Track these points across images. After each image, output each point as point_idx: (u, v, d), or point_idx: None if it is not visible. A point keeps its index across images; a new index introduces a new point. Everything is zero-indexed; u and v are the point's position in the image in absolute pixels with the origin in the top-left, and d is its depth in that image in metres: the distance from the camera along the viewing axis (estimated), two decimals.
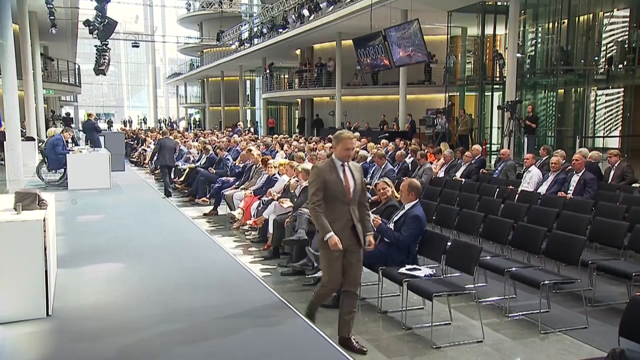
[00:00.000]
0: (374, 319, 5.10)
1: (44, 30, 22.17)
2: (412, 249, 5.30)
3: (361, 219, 4.28)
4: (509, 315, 5.11)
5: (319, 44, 28.36)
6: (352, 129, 22.50)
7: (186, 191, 11.80)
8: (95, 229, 6.89)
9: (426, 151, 11.91)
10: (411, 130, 21.17)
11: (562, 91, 18.51)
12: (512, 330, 4.80)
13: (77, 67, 31.48)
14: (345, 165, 4.20)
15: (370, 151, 11.69)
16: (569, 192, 7.89)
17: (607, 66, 18.06)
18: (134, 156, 19.70)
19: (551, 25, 18.02)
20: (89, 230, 6.80)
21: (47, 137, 14.33)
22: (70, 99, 41.93)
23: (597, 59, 18.30)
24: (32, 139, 17.38)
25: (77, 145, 16.21)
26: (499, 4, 19.22)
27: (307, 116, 31.62)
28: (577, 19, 18.15)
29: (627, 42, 17.49)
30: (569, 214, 6.55)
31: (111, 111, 67.16)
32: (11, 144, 11.55)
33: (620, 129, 18.60)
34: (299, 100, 33.00)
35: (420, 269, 4.99)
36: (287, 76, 32.49)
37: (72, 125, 29.51)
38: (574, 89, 18.49)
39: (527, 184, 8.73)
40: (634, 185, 8.23)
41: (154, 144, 15.58)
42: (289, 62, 33.19)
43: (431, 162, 10.95)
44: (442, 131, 19.44)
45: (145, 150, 18.73)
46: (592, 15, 18.26)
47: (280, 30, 25.36)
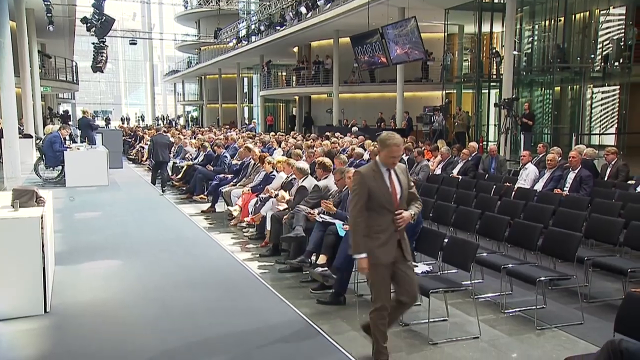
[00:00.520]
0: None
1: (42, 27, 22.08)
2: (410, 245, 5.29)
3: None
4: (506, 311, 5.12)
5: (316, 42, 28.32)
6: (349, 126, 22.51)
7: (184, 188, 11.78)
8: (93, 226, 6.88)
9: (423, 148, 11.92)
10: (408, 127, 21.17)
11: (559, 89, 18.54)
12: (509, 326, 4.80)
13: (74, 64, 31.36)
14: (390, 169, 3.82)
15: (367, 148, 11.68)
16: (565, 189, 7.90)
17: (603, 64, 18.08)
18: (131, 153, 19.67)
19: (548, 22, 18.04)
20: (87, 227, 6.79)
21: (44, 134, 14.29)
22: (68, 97, 41.84)
23: (593, 56, 18.33)
24: (29, 136, 17.33)
25: (75, 142, 16.16)
26: (496, 1, 19.27)
27: (300, 114, 31.66)
28: (573, 16, 18.17)
29: (623, 39, 17.51)
30: (565, 210, 6.55)
31: (109, 108, 66.99)
32: (9, 141, 11.53)
33: (616, 126, 18.63)
34: (297, 97, 32.98)
35: (417, 266, 5.00)
36: (284, 74, 32.46)
37: (70, 122, 29.45)
38: (570, 87, 18.52)
39: (523, 181, 8.74)
40: (630, 182, 8.25)
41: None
42: (287, 59, 33.16)
43: (428, 160, 10.95)
44: (439, 128, 19.44)
45: (142, 147, 18.69)
46: (588, 13, 18.29)
47: (277, 27, 25.34)
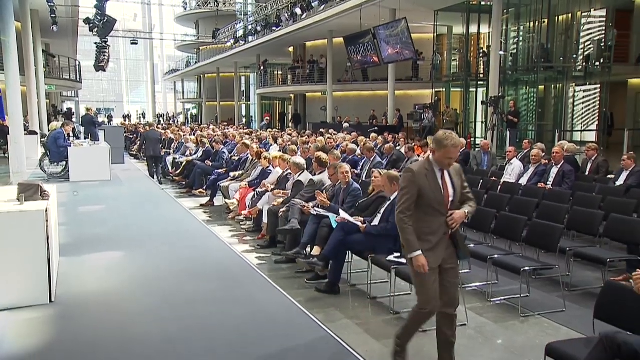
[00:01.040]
0: (364, 305, 5.12)
1: (46, 28, 21.93)
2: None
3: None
4: (491, 300, 5.14)
5: (311, 42, 28.26)
6: (342, 123, 22.50)
7: (184, 183, 11.76)
8: (96, 219, 6.86)
9: (413, 144, 11.93)
10: (399, 124, 21.19)
11: (543, 87, 18.60)
12: (494, 314, 4.83)
13: (77, 63, 31.19)
14: (444, 169, 3.51)
15: (360, 144, 11.69)
16: (548, 183, 7.94)
17: (584, 64, 18.14)
18: (133, 149, 19.60)
19: (532, 24, 18.08)
20: (91, 220, 6.77)
21: (49, 131, 14.21)
22: (71, 95, 41.61)
23: (575, 56, 18.38)
24: (34, 133, 17.22)
25: (78, 138, 16.08)
26: (483, 3, 19.23)
27: (296, 111, 31.71)
28: (556, 18, 18.21)
29: (603, 40, 17.58)
30: (548, 204, 6.58)
31: (111, 106, 66.70)
32: (14, 137, 11.49)
33: (597, 123, 18.72)
34: (292, 95, 32.92)
35: None
36: (280, 73, 32.39)
37: (74, 119, 29.30)
38: (553, 85, 18.57)
39: (509, 176, 8.77)
40: (609, 176, 8.29)
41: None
42: (282, 59, 33.07)
43: (418, 155, 10.95)
44: (429, 125, 19.45)
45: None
46: (570, 15, 18.32)
47: (273, 28, 25.25)
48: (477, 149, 13.49)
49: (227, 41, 33.36)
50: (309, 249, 5.73)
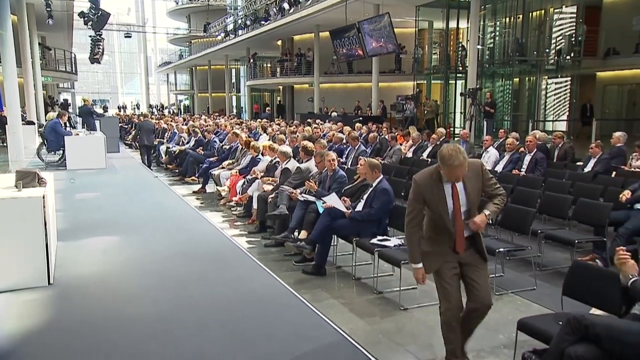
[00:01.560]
0: (349, 285, 5.15)
1: (41, 21, 21.49)
2: (383, 221, 5.34)
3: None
4: None
5: (298, 35, 28.07)
6: (329, 113, 22.46)
7: (177, 171, 11.71)
8: (92, 205, 6.80)
9: (396, 134, 11.97)
10: (383, 114, 21.21)
11: (517, 80, 18.69)
12: None
13: (73, 56, 30.69)
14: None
15: (345, 133, 11.69)
16: (522, 170, 8.01)
17: (556, 57, 18.28)
18: (127, 139, 19.42)
19: (508, 19, 18.12)
20: (87, 206, 6.71)
21: (46, 121, 14.01)
22: (67, 86, 40.94)
23: (547, 51, 18.50)
24: (32, 123, 16.98)
25: (74, 127, 15.88)
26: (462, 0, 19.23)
27: (285, 102, 31.60)
28: (530, 14, 18.28)
29: (573, 35, 17.70)
30: (522, 189, 6.65)
31: (106, 97, 65.79)
32: (12, 127, 11.35)
33: (567, 113, 18.90)
34: (281, 87, 32.75)
35: (390, 240, 5.04)
36: (269, 65, 32.21)
37: (70, 109, 28.88)
38: (527, 78, 18.69)
39: (485, 163, 8.82)
40: (578, 163, 8.39)
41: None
42: (271, 52, 32.83)
43: (401, 144, 11.00)
44: (411, 116, 19.51)
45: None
46: (543, 11, 18.42)
47: (262, 22, 25.04)
48: (456, 138, 13.54)
49: (217, 35, 33.03)
50: (296, 233, 5.74)
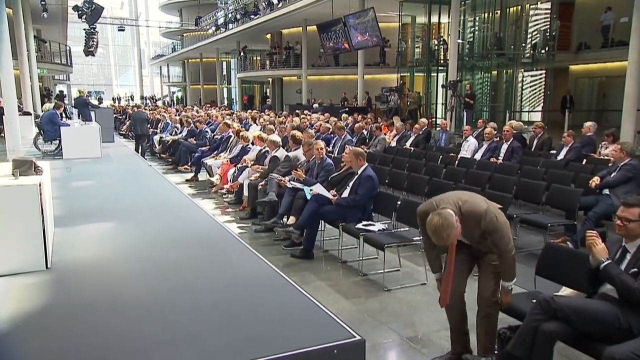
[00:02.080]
0: (335, 268, 5.18)
1: (36, 14, 21.05)
2: (368, 207, 5.36)
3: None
4: None
5: (287, 29, 27.85)
6: (318, 104, 22.40)
7: (170, 160, 11.63)
8: (88, 193, 6.72)
9: (381, 124, 11.98)
10: (368, 105, 21.20)
11: (495, 72, 18.76)
12: None
13: (68, 48, 30.14)
14: None
15: (332, 124, 11.68)
16: (499, 158, 8.07)
17: (532, 51, 18.36)
18: (122, 129, 19.21)
19: (486, 15, 18.14)
20: (83, 194, 6.63)
21: (42, 112, 13.79)
22: (63, 78, 40.28)
23: (524, 45, 18.57)
24: (28, 114, 16.73)
25: (70, 118, 15.65)
26: None
27: (273, 94, 31.48)
28: (508, 10, 18.32)
29: (548, 30, 17.78)
30: (499, 176, 6.71)
31: (101, 89, 64.67)
32: (9, 117, 11.20)
33: (542, 105, 19.04)
34: (270, 79, 32.54)
35: (374, 225, 5.07)
36: (259, 58, 31.96)
37: (66, 101, 28.42)
38: (505, 71, 18.76)
39: (465, 152, 8.89)
40: (552, 151, 8.48)
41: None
42: (261, 45, 32.56)
43: (385, 134, 11.02)
44: (395, 107, 19.53)
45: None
46: (520, 7, 18.46)
47: (252, 16, 24.81)
48: (437, 129, 13.58)
49: (208, 28, 32.64)
50: (285, 219, 5.75)
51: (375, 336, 3.63)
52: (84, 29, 21.54)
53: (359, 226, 5.04)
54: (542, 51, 17.86)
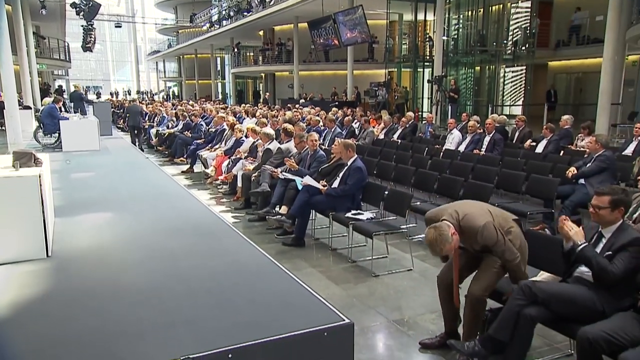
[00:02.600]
0: (326, 255, 5.19)
1: (35, 11, 20.70)
2: (357, 197, 5.36)
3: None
4: None
5: (279, 26, 27.66)
6: (308, 99, 22.31)
7: (166, 152, 11.55)
8: (87, 184, 6.65)
9: (369, 117, 11.96)
10: (357, 100, 21.17)
11: (478, 68, 18.81)
12: (436, 260, 4.93)
13: (66, 44, 29.70)
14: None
15: (321, 117, 11.65)
16: (482, 149, 8.10)
17: (513, 48, 18.41)
18: (120, 123, 19.04)
19: (470, 13, 18.15)
20: (82, 185, 6.56)
21: (42, 106, 13.62)
22: (62, 73, 39.73)
23: (505, 42, 18.61)
24: (28, 108, 16.51)
25: (68, 112, 15.44)
26: None
27: (265, 89, 31.31)
28: (490, 8, 18.33)
29: (528, 28, 17.83)
30: (482, 167, 6.74)
31: (99, 84, 63.97)
32: (10, 111, 11.08)
33: (522, 99, 19.14)
34: (263, 74, 32.36)
35: (363, 214, 5.08)
36: (252, 54, 31.77)
37: (65, 95, 28.02)
38: (487, 67, 18.82)
39: (449, 144, 8.91)
40: (532, 143, 8.53)
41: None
42: (254, 41, 32.33)
43: (373, 127, 11.01)
44: (383, 101, 19.51)
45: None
46: (502, 5, 18.47)
47: (245, 13, 24.61)
48: (423, 122, 13.60)
49: (203, 25, 32.33)
50: (278, 208, 5.74)
51: (364, 319, 3.65)
52: (82, 26, 21.21)
53: (349, 215, 5.05)
54: (523, 48, 17.92)
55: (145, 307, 2.80)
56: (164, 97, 43.78)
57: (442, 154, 8.24)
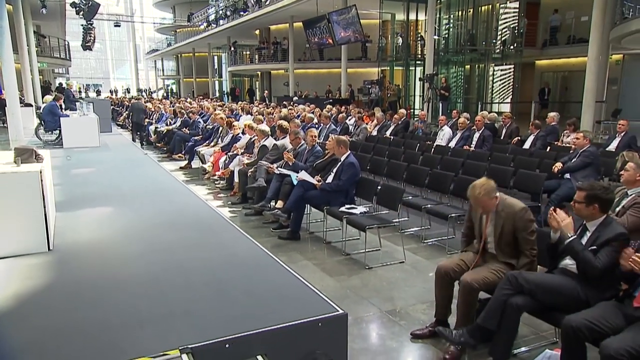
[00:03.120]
0: (320, 248, 5.20)
1: (36, 10, 20.47)
2: (351, 192, 5.36)
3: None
4: (425, 241, 5.31)
5: (274, 25, 27.53)
6: (303, 97, 22.26)
7: (165, 149, 11.50)
8: (87, 180, 6.62)
9: (363, 114, 11.95)
10: (351, 97, 21.14)
11: (469, 66, 18.83)
12: (427, 252, 4.99)
13: (67, 43, 29.42)
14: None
15: (316, 114, 11.64)
16: (472, 145, 8.12)
17: (501, 47, 18.44)
18: (119, 120, 18.93)
19: (460, 13, 18.13)
20: (83, 181, 6.53)
21: (43, 103, 13.51)
22: (62, 71, 39.38)
23: (494, 41, 18.62)
24: (30, 105, 16.37)
25: (67, 109, 15.35)
26: None
27: (262, 87, 31.17)
28: (480, 8, 18.32)
29: (516, 28, 17.85)
30: (471, 162, 6.75)
31: (99, 82, 63.45)
32: (11, 109, 11.00)
33: (511, 97, 19.19)
34: (259, 72, 32.25)
35: (356, 208, 5.08)
36: (248, 52, 31.61)
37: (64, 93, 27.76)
38: (477, 65, 18.84)
39: (440, 140, 8.92)
40: (518, 139, 8.56)
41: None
42: (250, 40, 32.18)
43: (367, 123, 11.01)
44: (376, 98, 19.50)
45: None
46: (491, 6, 18.47)
47: (241, 13, 24.48)
48: (415, 119, 13.61)
49: (200, 24, 32.13)
50: (273, 203, 5.73)
51: (357, 310, 3.66)
52: (82, 25, 21.01)
53: (342, 209, 5.05)
54: (511, 47, 17.95)
55: (144, 299, 2.79)
56: (163, 95, 43.53)
57: (433, 150, 8.26)
